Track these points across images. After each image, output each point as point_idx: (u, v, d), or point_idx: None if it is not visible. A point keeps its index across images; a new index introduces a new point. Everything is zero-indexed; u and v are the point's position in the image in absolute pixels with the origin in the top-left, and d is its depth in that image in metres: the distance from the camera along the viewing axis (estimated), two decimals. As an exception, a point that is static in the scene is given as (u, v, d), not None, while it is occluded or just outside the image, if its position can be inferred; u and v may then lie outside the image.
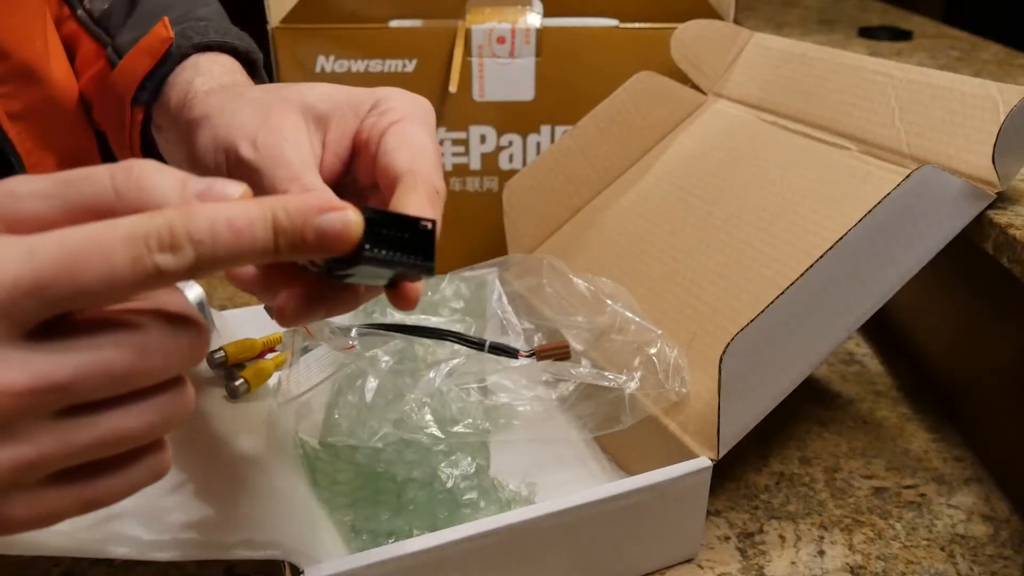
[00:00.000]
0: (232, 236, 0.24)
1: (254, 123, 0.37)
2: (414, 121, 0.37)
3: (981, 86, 0.50)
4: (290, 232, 0.25)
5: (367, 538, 0.45)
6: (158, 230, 0.23)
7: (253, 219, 0.24)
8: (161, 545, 0.36)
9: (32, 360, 0.23)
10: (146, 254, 0.23)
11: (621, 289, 0.56)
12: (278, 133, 0.36)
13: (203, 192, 0.25)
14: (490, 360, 0.51)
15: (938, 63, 0.95)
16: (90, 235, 0.23)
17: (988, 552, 0.49)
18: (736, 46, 0.70)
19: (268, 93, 0.39)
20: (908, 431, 0.60)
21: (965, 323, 0.64)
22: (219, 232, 0.24)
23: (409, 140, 0.36)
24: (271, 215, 0.25)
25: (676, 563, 0.48)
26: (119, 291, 0.23)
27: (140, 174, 0.25)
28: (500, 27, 0.72)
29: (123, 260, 0.23)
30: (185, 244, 0.23)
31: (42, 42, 0.50)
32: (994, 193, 0.49)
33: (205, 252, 0.24)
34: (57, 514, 0.26)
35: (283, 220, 0.25)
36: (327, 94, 0.38)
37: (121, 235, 0.23)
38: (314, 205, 0.25)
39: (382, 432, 0.47)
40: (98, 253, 0.23)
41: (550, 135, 0.76)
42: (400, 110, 0.37)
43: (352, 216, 0.26)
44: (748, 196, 0.57)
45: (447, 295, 0.61)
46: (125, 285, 0.23)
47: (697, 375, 0.50)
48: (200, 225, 0.23)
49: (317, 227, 0.25)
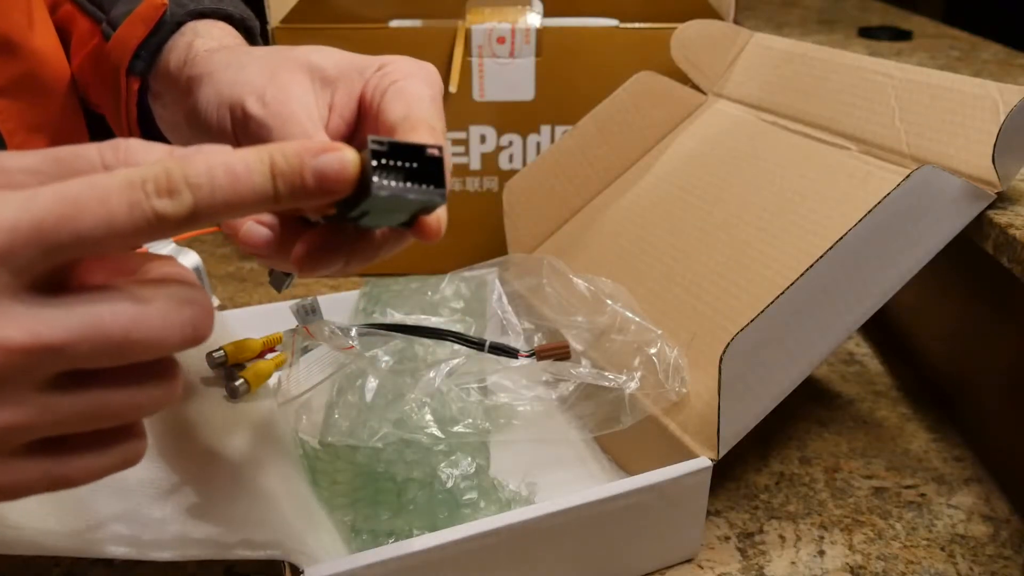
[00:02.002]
0: (230, 180, 0.24)
1: (261, 80, 0.37)
2: (415, 79, 0.36)
3: (981, 86, 0.50)
4: (288, 175, 0.25)
5: (367, 538, 0.45)
6: (155, 175, 0.23)
7: (250, 163, 0.24)
8: (161, 545, 0.36)
9: (30, 316, 0.23)
10: (143, 199, 0.23)
11: (621, 289, 0.56)
12: (287, 91, 0.36)
13: (191, 154, 0.25)
14: (490, 360, 0.51)
15: (938, 63, 0.95)
16: (88, 182, 0.23)
17: (988, 552, 0.49)
18: (736, 46, 0.70)
19: (274, 53, 0.39)
20: (908, 431, 0.60)
21: (965, 323, 0.64)
22: (216, 176, 0.24)
23: (407, 93, 0.35)
24: (268, 159, 0.25)
25: (676, 563, 0.48)
26: (118, 238, 0.23)
27: (127, 148, 0.26)
28: (500, 27, 0.72)
29: (120, 205, 0.23)
30: (183, 188, 0.23)
31: (23, 15, 0.49)
32: (994, 193, 0.49)
33: (203, 197, 0.24)
34: (24, 486, 0.25)
35: (280, 163, 0.25)
36: (333, 57, 0.38)
37: (118, 182, 0.23)
38: (310, 148, 0.25)
39: (382, 432, 0.47)
40: (96, 199, 0.23)
41: (550, 135, 0.76)
42: (403, 71, 0.37)
43: (349, 155, 0.26)
44: (748, 196, 0.57)
45: (447, 295, 0.61)
46: (124, 232, 0.23)
47: (697, 375, 0.50)
48: (198, 169, 0.24)
49: (315, 168, 0.25)
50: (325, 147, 0.26)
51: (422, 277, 0.63)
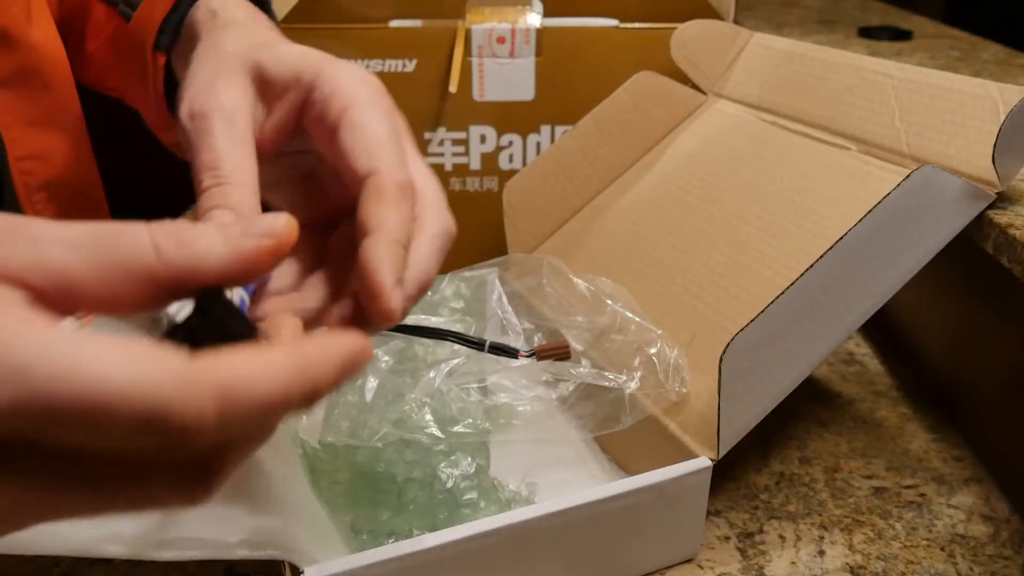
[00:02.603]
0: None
1: (199, 88, 0.34)
2: (368, 108, 0.33)
3: (981, 86, 0.50)
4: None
5: (367, 538, 0.45)
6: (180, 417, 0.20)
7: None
8: (161, 545, 0.35)
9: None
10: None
11: (621, 289, 0.56)
12: (216, 101, 0.34)
13: (246, 231, 0.23)
14: (490, 360, 0.51)
15: (938, 63, 0.95)
16: (98, 388, 0.20)
17: (988, 552, 0.49)
18: (736, 46, 0.70)
19: (223, 54, 0.36)
20: (908, 431, 0.60)
21: (965, 323, 0.64)
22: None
23: (361, 134, 0.33)
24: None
25: (676, 563, 0.48)
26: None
27: (180, 231, 0.23)
28: (500, 27, 0.72)
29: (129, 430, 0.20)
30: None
31: (21, 8, 0.49)
32: (994, 193, 0.49)
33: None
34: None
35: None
36: (283, 57, 0.35)
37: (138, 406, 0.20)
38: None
39: (382, 432, 0.47)
40: (105, 414, 0.20)
41: (550, 135, 0.76)
42: (349, 94, 0.34)
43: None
44: (748, 196, 0.57)
45: (447, 295, 0.61)
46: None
47: (697, 375, 0.50)
48: (235, 415, 0.21)
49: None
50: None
51: (422, 277, 0.63)
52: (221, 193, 0.31)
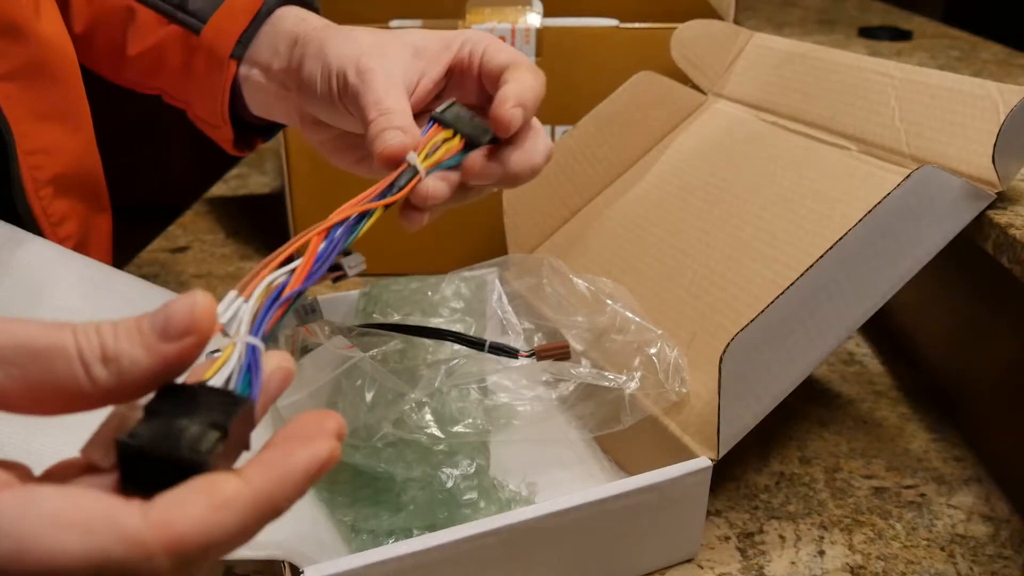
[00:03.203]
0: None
1: (363, 52, 0.43)
2: (525, 70, 0.43)
3: (981, 86, 0.50)
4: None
5: (367, 538, 0.45)
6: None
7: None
8: (161, 545, 0.35)
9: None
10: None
11: (621, 289, 0.56)
12: (379, 59, 0.43)
13: (166, 333, 0.23)
14: (490, 360, 0.51)
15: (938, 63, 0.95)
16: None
17: (988, 552, 0.49)
18: (736, 46, 0.70)
19: (386, 33, 0.46)
20: (908, 431, 0.60)
21: (965, 323, 0.64)
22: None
23: (504, 48, 0.44)
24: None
25: (676, 563, 0.48)
26: None
27: (105, 344, 0.23)
28: (500, 27, 0.72)
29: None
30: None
31: (29, 1, 0.49)
32: (994, 193, 0.49)
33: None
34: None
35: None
36: (427, 36, 0.46)
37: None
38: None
39: (382, 432, 0.47)
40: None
41: (550, 135, 0.76)
42: (485, 40, 0.45)
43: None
44: (748, 196, 0.57)
45: (447, 295, 0.61)
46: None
47: (697, 375, 0.50)
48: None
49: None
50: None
51: (422, 277, 0.63)
52: (386, 119, 0.40)
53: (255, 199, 1.01)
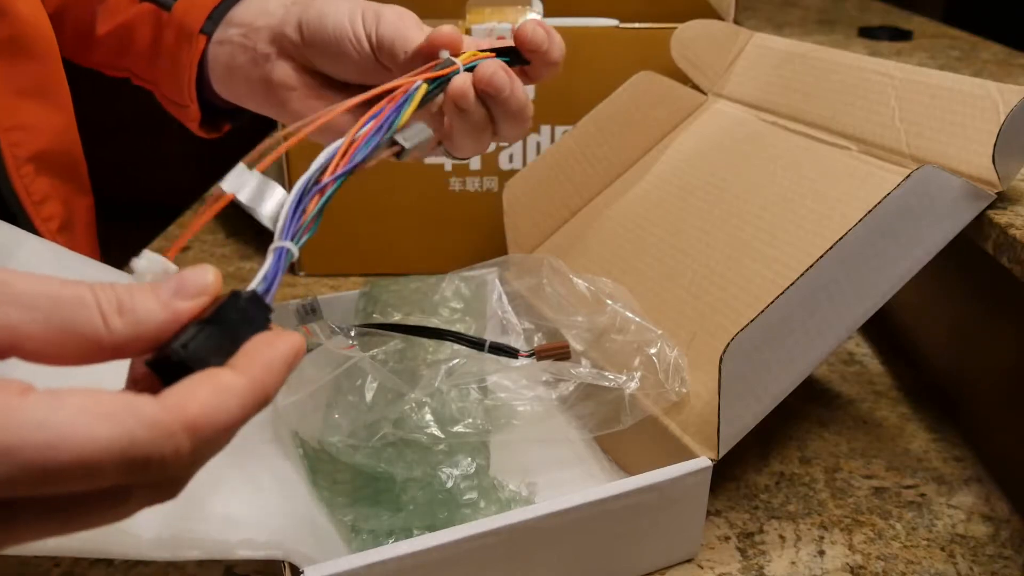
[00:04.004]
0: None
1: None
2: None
3: (981, 86, 0.50)
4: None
5: (367, 538, 0.45)
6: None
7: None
8: (161, 545, 0.36)
9: None
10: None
11: (621, 289, 0.56)
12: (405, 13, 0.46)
13: (180, 291, 0.26)
14: (490, 360, 0.51)
15: (938, 63, 0.95)
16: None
17: (988, 552, 0.49)
18: (736, 46, 0.70)
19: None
20: (908, 431, 0.60)
21: (965, 323, 0.64)
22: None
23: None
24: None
25: (676, 563, 0.48)
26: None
27: (121, 299, 0.25)
28: (500, 27, 0.71)
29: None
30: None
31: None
32: (994, 193, 0.49)
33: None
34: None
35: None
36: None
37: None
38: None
39: (382, 432, 0.47)
40: (92, 470, 0.22)
41: (550, 135, 0.76)
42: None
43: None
44: (748, 196, 0.57)
45: (447, 295, 0.61)
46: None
47: (697, 375, 0.50)
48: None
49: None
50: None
51: (422, 277, 0.63)
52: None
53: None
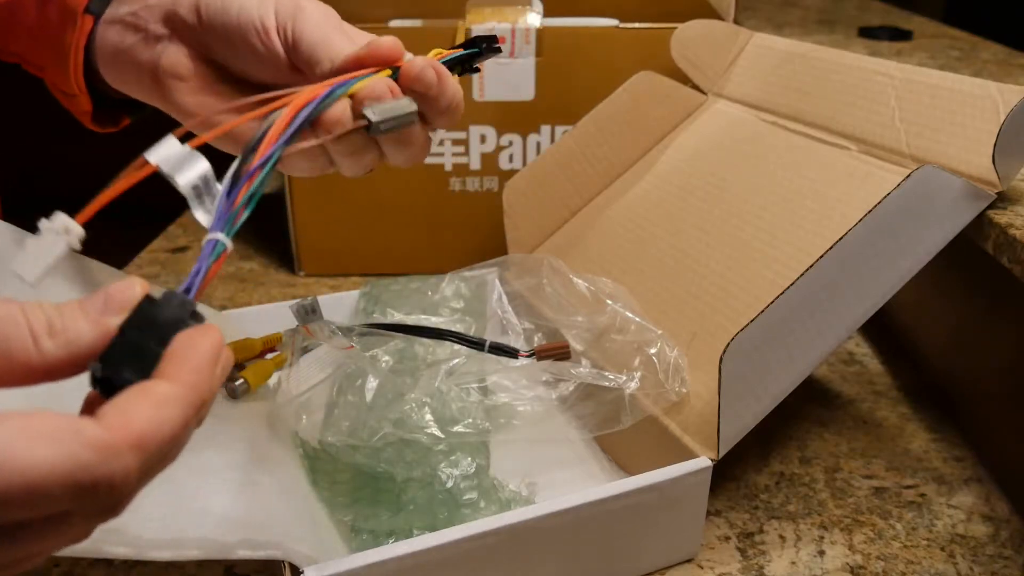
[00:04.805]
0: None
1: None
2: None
3: (981, 86, 0.50)
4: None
5: (367, 538, 0.45)
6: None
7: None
8: (161, 545, 0.36)
9: None
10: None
11: (621, 289, 0.56)
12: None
13: (107, 309, 0.25)
14: (490, 360, 0.51)
15: (938, 63, 0.95)
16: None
17: (988, 552, 0.49)
18: (736, 46, 0.70)
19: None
20: (908, 431, 0.60)
21: (965, 323, 0.64)
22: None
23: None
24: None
25: (676, 563, 0.48)
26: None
27: (52, 321, 0.25)
28: (500, 27, 0.72)
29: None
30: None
31: None
32: (994, 193, 0.49)
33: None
34: None
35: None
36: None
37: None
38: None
39: (382, 432, 0.47)
40: (38, 497, 0.21)
41: (550, 135, 0.76)
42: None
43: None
44: (748, 196, 0.57)
45: (447, 295, 0.61)
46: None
47: (697, 375, 0.50)
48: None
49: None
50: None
51: (422, 277, 0.63)
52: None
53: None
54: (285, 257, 0.83)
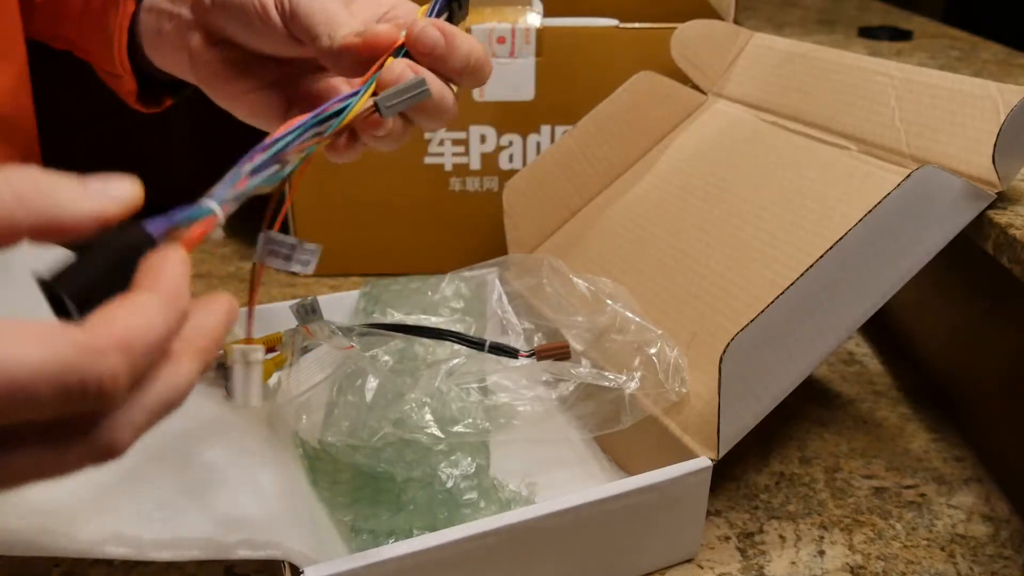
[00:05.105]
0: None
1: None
2: None
3: (981, 86, 0.50)
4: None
5: (367, 538, 0.45)
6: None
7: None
8: (161, 545, 0.36)
9: None
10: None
11: (621, 289, 0.56)
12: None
13: (107, 193, 0.25)
14: (490, 360, 0.51)
15: (938, 63, 0.95)
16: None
17: (988, 552, 0.49)
18: (736, 46, 0.70)
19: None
20: (908, 431, 0.60)
21: (965, 323, 0.64)
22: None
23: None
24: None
25: (676, 563, 0.48)
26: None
27: (37, 179, 0.24)
28: (500, 27, 0.72)
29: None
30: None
31: None
32: (994, 193, 0.49)
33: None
34: None
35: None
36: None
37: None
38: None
39: (382, 432, 0.47)
40: (25, 396, 0.21)
41: (550, 135, 0.76)
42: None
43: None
44: (748, 196, 0.57)
45: (447, 295, 0.61)
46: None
47: (697, 375, 0.50)
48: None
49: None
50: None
51: (422, 277, 0.63)
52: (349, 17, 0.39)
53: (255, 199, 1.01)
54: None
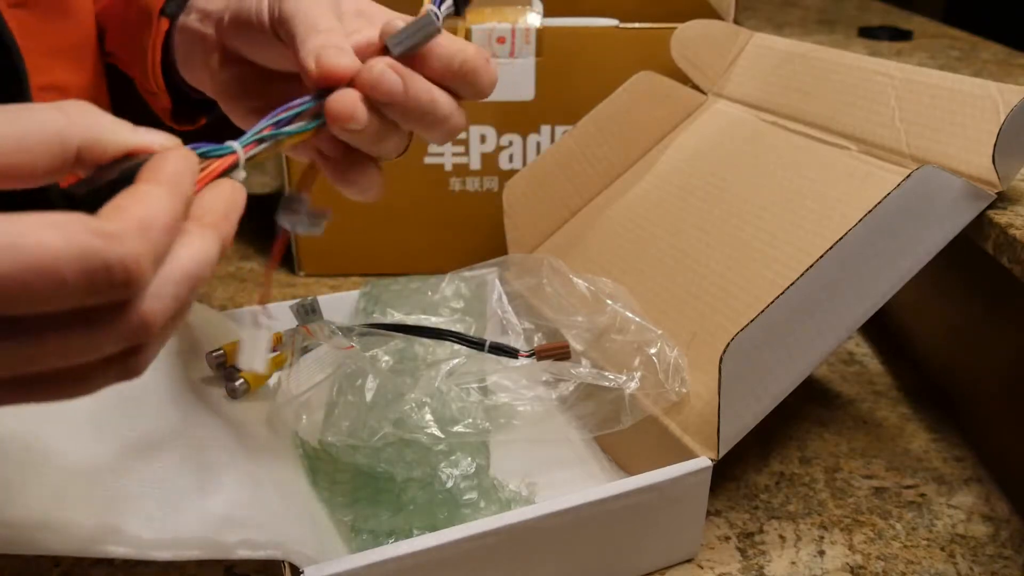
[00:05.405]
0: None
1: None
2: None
3: (981, 86, 0.50)
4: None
5: (367, 538, 0.45)
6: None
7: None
8: (161, 545, 0.36)
9: None
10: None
11: (621, 289, 0.56)
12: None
13: (158, 135, 0.28)
14: (490, 360, 0.51)
15: (938, 63, 0.95)
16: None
17: (988, 552, 0.49)
18: (736, 46, 0.70)
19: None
20: (908, 431, 0.61)
21: (965, 323, 0.64)
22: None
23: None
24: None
25: (676, 563, 0.48)
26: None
27: (84, 112, 0.26)
28: (500, 27, 0.72)
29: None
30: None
31: None
32: (994, 193, 0.49)
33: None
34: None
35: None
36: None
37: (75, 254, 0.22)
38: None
39: (382, 432, 0.47)
40: (51, 279, 0.22)
41: (550, 135, 0.76)
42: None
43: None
44: (748, 196, 0.57)
45: (447, 295, 0.61)
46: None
47: (697, 375, 0.50)
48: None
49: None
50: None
51: (422, 277, 0.63)
52: (325, 37, 0.38)
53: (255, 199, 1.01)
54: (285, 257, 0.83)
